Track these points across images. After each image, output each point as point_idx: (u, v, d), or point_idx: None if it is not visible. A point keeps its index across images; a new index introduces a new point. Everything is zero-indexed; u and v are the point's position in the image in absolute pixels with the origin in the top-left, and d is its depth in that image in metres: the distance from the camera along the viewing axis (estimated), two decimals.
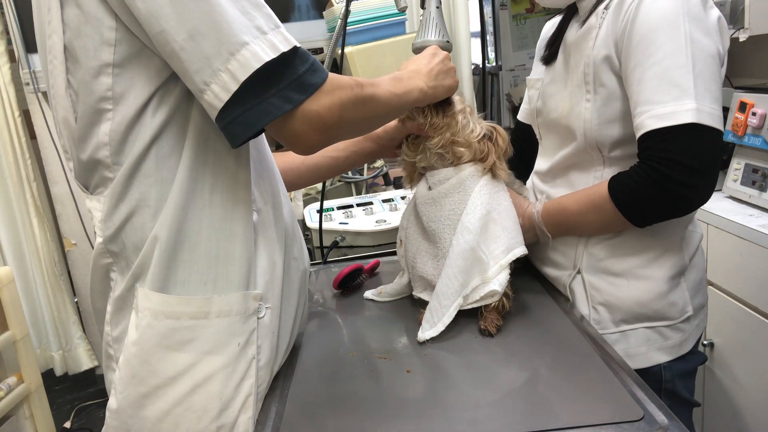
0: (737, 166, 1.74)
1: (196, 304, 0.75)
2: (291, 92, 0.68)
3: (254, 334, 0.79)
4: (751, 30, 1.68)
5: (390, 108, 0.84)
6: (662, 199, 0.90)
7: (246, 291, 0.78)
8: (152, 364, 0.74)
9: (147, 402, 0.74)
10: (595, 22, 0.97)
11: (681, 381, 1.04)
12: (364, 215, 1.61)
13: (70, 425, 2.53)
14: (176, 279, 0.75)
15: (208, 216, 0.76)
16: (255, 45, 0.66)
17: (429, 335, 0.94)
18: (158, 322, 0.74)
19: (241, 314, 0.77)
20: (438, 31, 1.16)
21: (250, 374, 0.78)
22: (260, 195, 0.82)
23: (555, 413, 0.75)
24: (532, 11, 3.02)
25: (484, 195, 0.97)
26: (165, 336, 0.74)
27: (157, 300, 0.74)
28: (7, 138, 2.49)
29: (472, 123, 1.00)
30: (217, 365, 0.75)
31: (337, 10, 2.20)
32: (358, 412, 0.79)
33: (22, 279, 2.61)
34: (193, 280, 0.75)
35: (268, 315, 0.82)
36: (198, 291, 0.75)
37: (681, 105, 0.87)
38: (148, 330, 0.74)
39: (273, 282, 0.83)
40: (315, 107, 0.70)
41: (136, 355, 0.74)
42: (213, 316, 0.76)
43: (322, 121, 0.71)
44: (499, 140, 1.01)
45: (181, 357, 0.74)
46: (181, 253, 0.75)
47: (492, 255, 0.96)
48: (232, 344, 0.76)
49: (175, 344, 0.74)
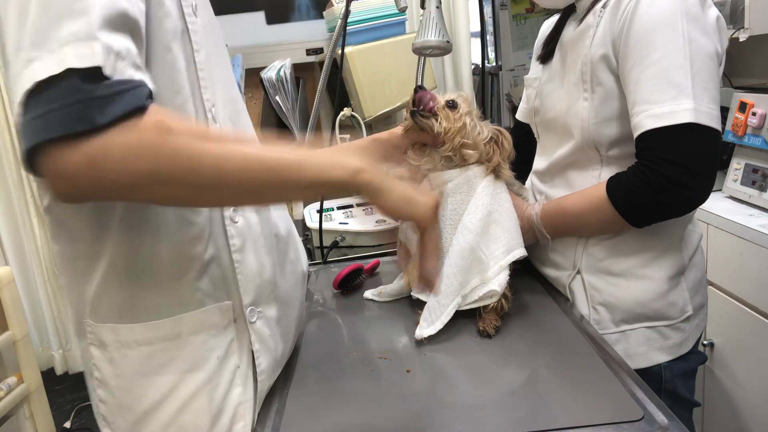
0: (737, 166, 1.74)
1: (166, 327, 0.73)
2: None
3: (234, 344, 0.77)
4: (751, 30, 1.68)
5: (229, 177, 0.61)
6: (660, 199, 0.90)
7: (216, 304, 0.76)
8: (136, 392, 0.74)
9: (141, 426, 0.74)
10: (592, 20, 0.97)
11: (681, 381, 1.04)
12: (364, 215, 1.61)
13: (70, 425, 2.53)
14: (138, 307, 0.73)
15: (164, 238, 0.71)
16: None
17: (427, 333, 0.94)
18: (132, 351, 0.73)
19: (214, 327, 0.76)
20: (438, 31, 1.16)
21: (237, 383, 0.77)
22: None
23: (555, 413, 0.75)
24: (532, 11, 3.02)
25: (486, 196, 0.98)
26: (142, 363, 0.73)
27: (124, 332, 0.73)
28: (8, 138, 2.50)
29: (478, 125, 1.01)
30: (199, 381, 0.74)
31: (337, 10, 2.20)
32: (358, 412, 0.79)
33: (23, 279, 2.61)
34: (156, 304, 0.73)
35: (261, 319, 0.80)
36: (164, 313, 0.73)
37: (679, 105, 0.87)
38: (123, 360, 0.73)
39: (264, 286, 0.81)
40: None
41: (118, 386, 0.74)
42: (186, 335, 0.74)
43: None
44: (505, 143, 1.01)
45: (163, 380, 0.74)
46: (136, 282, 0.72)
47: (492, 255, 0.96)
48: (211, 358, 0.75)
49: (155, 368, 0.73)
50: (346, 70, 2.11)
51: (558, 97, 1.06)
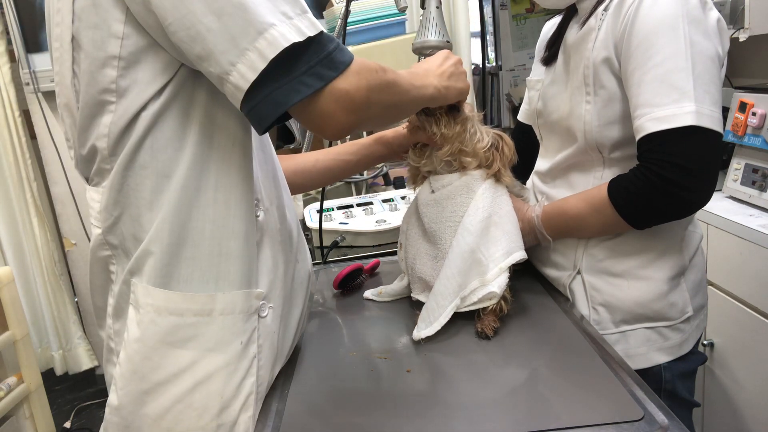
0: (737, 166, 1.74)
1: (200, 301, 0.75)
2: (321, 69, 0.67)
3: (255, 333, 0.79)
4: (751, 30, 1.68)
5: (410, 98, 0.83)
6: (662, 201, 0.90)
7: (249, 289, 0.78)
8: (154, 361, 0.74)
9: (148, 399, 0.74)
10: (594, 23, 0.97)
11: (681, 381, 1.04)
12: (364, 215, 1.61)
13: (70, 425, 2.53)
14: (179, 275, 0.75)
15: (212, 213, 0.75)
16: (282, 27, 0.66)
17: (425, 334, 0.94)
18: (162, 318, 0.74)
19: (243, 312, 0.78)
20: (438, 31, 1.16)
21: (252, 373, 0.78)
22: (266, 195, 0.83)
23: (555, 413, 0.75)
24: (532, 11, 3.02)
25: (487, 198, 0.98)
26: (168, 333, 0.74)
27: (160, 296, 0.74)
28: (7, 138, 2.50)
29: (479, 132, 1.01)
30: (218, 363, 0.75)
31: (337, 10, 2.20)
32: (358, 412, 0.79)
33: (23, 279, 2.61)
34: (196, 277, 0.75)
35: (270, 315, 0.82)
36: (201, 288, 0.75)
37: (681, 107, 0.87)
38: (150, 326, 0.74)
39: (276, 282, 0.83)
40: (344, 85, 0.68)
41: (138, 351, 0.74)
42: (216, 314, 0.76)
43: (351, 100, 0.69)
44: (506, 149, 1.01)
45: (184, 354, 0.74)
46: (184, 250, 0.75)
47: (492, 258, 0.96)
48: (235, 342, 0.76)
49: (178, 341, 0.74)
50: None
51: (561, 99, 1.06)
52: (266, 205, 0.82)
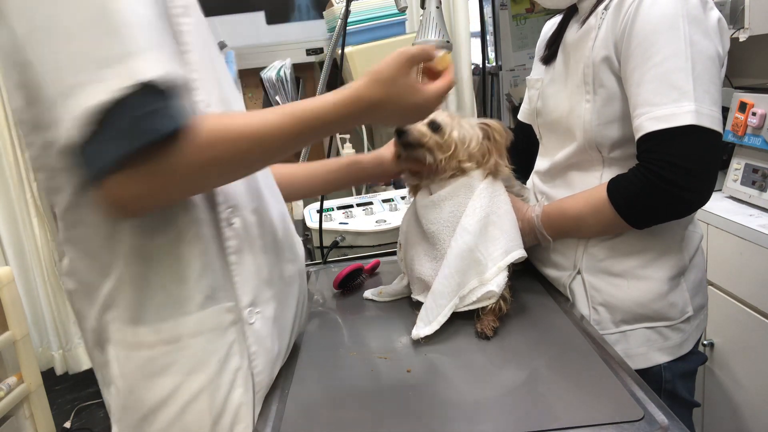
0: (737, 166, 1.74)
1: (167, 330, 0.74)
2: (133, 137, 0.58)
3: (235, 346, 0.77)
4: (751, 30, 1.68)
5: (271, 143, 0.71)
6: (661, 202, 0.90)
7: (217, 306, 0.76)
8: (138, 393, 0.74)
9: (145, 425, 0.75)
10: (594, 22, 0.97)
11: (681, 381, 1.04)
12: (364, 215, 1.61)
13: (70, 425, 2.53)
14: (142, 309, 0.73)
15: (165, 242, 0.73)
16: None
17: (423, 333, 0.94)
18: (135, 353, 0.74)
19: (215, 330, 0.76)
20: (438, 31, 1.16)
21: (238, 384, 0.77)
22: (244, 200, 0.80)
23: (555, 413, 0.75)
24: (532, 11, 3.02)
25: (484, 198, 0.97)
26: (144, 365, 0.74)
27: (128, 333, 0.74)
28: (8, 138, 2.49)
29: (466, 133, 0.99)
30: (200, 383, 0.75)
31: (337, 10, 2.20)
32: (358, 412, 0.79)
33: (23, 279, 2.61)
34: (159, 307, 0.74)
35: (260, 319, 0.81)
36: (165, 317, 0.74)
37: (680, 107, 0.87)
38: (126, 362, 0.74)
39: (261, 286, 0.81)
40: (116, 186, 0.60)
41: (122, 387, 0.75)
42: (186, 338, 0.74)
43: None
44: (496, 136, 1.00)
45: (165, 381, 0.74)
46: (144, 284, 0.73)
47: (490, 257, 0.96)
48: (212, 360, 0.75)
49: (157, 371, 0.74)
50: (346, 70, 2.11)
51: (561, 98, 1.06)
52: (243, 211, 0.79)
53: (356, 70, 2.12)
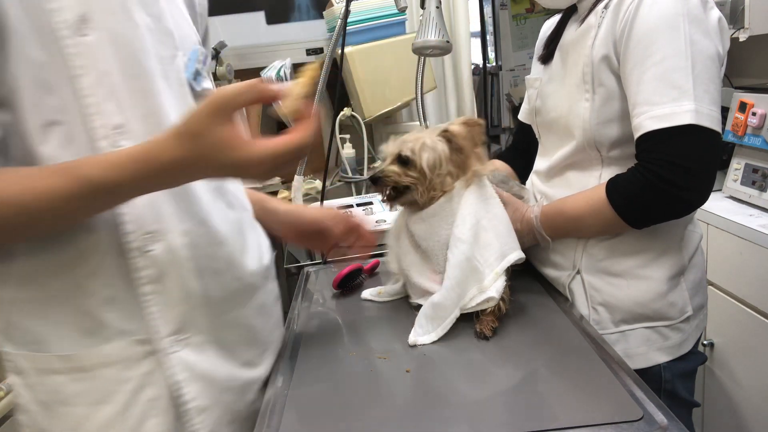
0: (737, 166, 1.74)
1: (74, 359, 0.73)
2: None
3: (152, 376, 0.75)
4: (751, 30, 1.68)
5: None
6: (660, 201, 0.90)
7: (123, 340, 0.73)
8: (52, 419, 0.74)
9: None
10: (594, 21, 0.97)
11: (681, 381, 1.04)
12: (363, 215, 1.60)
13: None
14: (48, 338, 0.72)
15: (63, 274, 0.71)
16: None
17: (421, 341, 0.93)
18: (48, 378, 0.73)
19: (125, 362, 0.73)
20: (438, 31, 1.16)
21: (153, 414, 0.75)
22: (173, 220, 0.74)
23: (554, 413, 0.75)
24: (532, 11, 3.02)
25: (471, 205, 0.95)
26: (55, 391, 0.73)
27: (37, 359, 0.73)
28: None
29: (433, 155, 0.95)
30: (109, 414, 0.74)
31: (337, 10, 2.20)
32: (357, 412, 0.79)
33: None
34: (66, 336, 0.72)
35: (190, 346, 0.77)
36: (74, 347, 0.72)
37: (680, 106, 0.87)
38: (41, 387, 0.74)
39: (191, 312, 0.76)
40: None
41: (38, 412, 0.75)
42: (93, 368, 0.73)
43: None
44: (461, 142, 0.95)
45: (75, 410, 0.74)
46: (47, 314, 0.72)
47: (486, 263, 0.95)
48: (121, 391, 0.74)
49: (68, 398, 0.73)
50: (346, 70, 2.11)
51: (559, 97, 1.06)
52: (169, 235, 0.73)
53: (356, 70, 2.12)
